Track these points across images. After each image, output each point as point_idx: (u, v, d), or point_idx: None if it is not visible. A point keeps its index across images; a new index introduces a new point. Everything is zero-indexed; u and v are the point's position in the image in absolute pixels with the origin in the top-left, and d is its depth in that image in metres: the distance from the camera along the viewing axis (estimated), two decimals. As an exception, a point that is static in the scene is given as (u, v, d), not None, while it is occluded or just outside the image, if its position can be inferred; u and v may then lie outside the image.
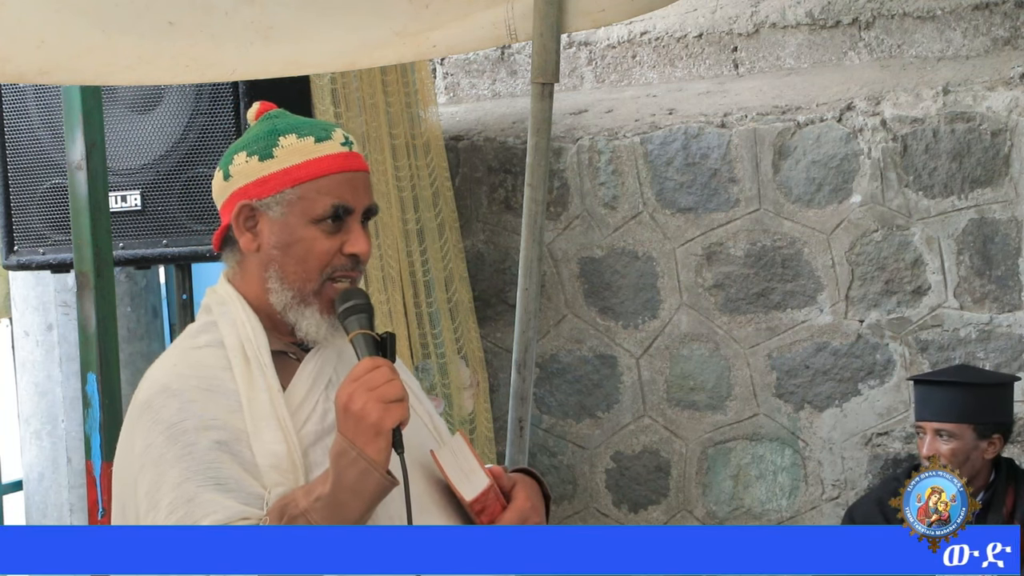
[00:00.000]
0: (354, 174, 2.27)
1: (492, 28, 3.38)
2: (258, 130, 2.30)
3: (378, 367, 2.11)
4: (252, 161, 2.26)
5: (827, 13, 5.02)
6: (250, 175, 2.26)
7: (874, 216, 4.62)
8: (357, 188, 2.27)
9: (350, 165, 2.27)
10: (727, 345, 4.84)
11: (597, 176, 4.96)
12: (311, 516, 2.07)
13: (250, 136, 2.30)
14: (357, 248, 2.25)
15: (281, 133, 2.27)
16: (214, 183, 2.33)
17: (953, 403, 3.94)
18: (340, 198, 2.24)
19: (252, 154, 2.27)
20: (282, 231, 2.24)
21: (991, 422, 3.97)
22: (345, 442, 2.07)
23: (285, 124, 2.29)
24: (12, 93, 4.02)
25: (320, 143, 2.26)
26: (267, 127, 2.29)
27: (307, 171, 2.24)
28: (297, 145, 2.25)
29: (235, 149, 2.30)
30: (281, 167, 2.25)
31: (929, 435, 3.95)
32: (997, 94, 4.48)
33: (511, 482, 2.29)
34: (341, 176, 2.25)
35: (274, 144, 2.26)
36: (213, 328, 2.27)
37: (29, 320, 4.71)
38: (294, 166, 2.24)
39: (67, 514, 4.67)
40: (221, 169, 2.31)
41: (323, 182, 2.24)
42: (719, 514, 4.88)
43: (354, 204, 2.26)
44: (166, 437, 2.15)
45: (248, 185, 2.26)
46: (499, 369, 5.10)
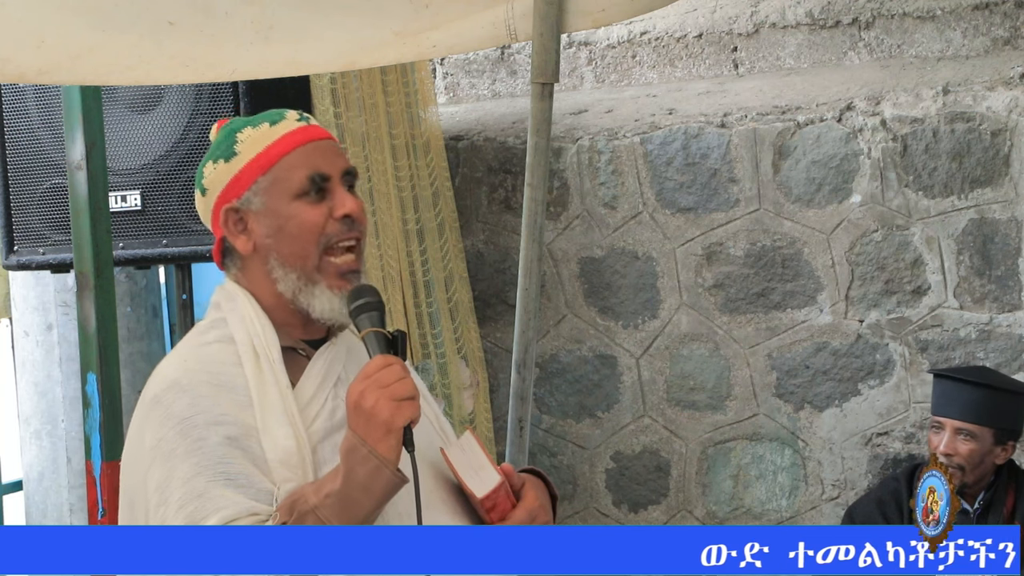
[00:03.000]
0: (319, 143, 2.29)
1: (492, 28, 3.38)
2: (217, 139, 2.34)
3: (390, 365, 2.11)
4: (219, 166, 2.29)
5: (827, 13, 5.02)
6: (222, 180, 2.28)
7: (874, 216, 4.62)
8: (327, 154, 2.28)
9: (311, 135, 2.29)
10: (727, 345, 4.84)
11: (597, 176, 4.96)
12: (321, 513, 2.08)
13: (212, 147, 2.33)
14: (346, 208, 2.25)
15: (236, 130, 2.30)
16: (196, 204, 2.35)
17: (980, 404, 3.93)
18: (314, 167, 2.25)
19: (217, 159, 2.30)
20: (269, 218, 2.25)
21: (1009, 429, 3.96)
22: (356, 439, 2.08)
23: (239, 123, 2.32)
24: (12, 93, 4.02)
25: (275, 125, 2.29)
26: (223, 132, 2.32)
27: (271, 154, 2.26)
28: (254, 135, 2.28)
29: (202, 164, 2.33)
30: (246, 161, 2.27)
31: (948, 432, 3.93)
32: (997, 94, 4.48)
33: (520, 481, 2.30)
34: (307, 147, 2.27)
35: (233, 142, 2.28)
36: (223, 324, 2.28)
37: (29, 320, 4.71)
38: (258, 155, 2.26)
39: (67, 514, 4.67)
40: (197, 187, 2.33)
41: (290, 158, 2.26)
42: (719, 514, 4.88)
43: (329, 170, 2.26)
44: (177, 432, 2.15)
45: (224, 190, 2.28)
46: (499, 369, 5.10)
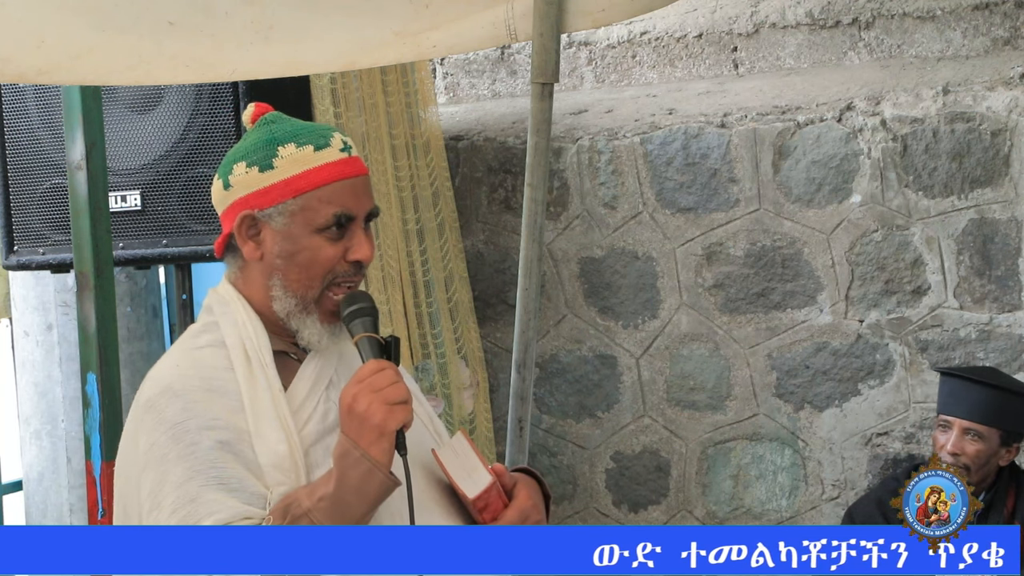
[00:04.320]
0: (355, 180, 2.28)
1: (492, 28, 3.38)
2: (256, 138, 2.29)
3: (383, 369, 2.12)
4: (252, 171, 2.26)
5: (827, 13, 5.02)
6: (251, 186, 2.26)
7: (874, 216, 4.61)
8: (358, 194, 2.27)
9: (350, 171, 2.27)
10: (727, 345, 4.84)
11: (597, 176, 4.96)
12: (314, 516, 2.09)
13: (248, 144, 2.29)
14: (360, 255, 2.26)
15: (280, 142, 2.26)
16: (213, 190, 2.33)
17: (989, 404, 3.92)
18: (342, 206, 2.24)
19: (252, 164, 2.27)
20: (285, 241, 2.25)
21: (1015, 431, 3.96)
22: (349, 443, 2.09)
23: (283, 132, 2.28)
24: (12, 93, 4.02)
25: (319, 151, 2.26)
26: (265, 135, 2.29)
27: (308, 181, 2.24)
28: (296, 155, 2.25)
29: (234, 158, 2.30)
30: (281, 178, 2.25)
31: (956, 431, 3.93)
32: (997, 94, 4.48)
33: (513, 481, 2.30)
34: (342, 183, 2.26)
35: (273, 154, 2.26)
36: (215, 328, 2.28)
37: (29, 320, 4.71)
38: (294, 176, 2.24)
39: (67, 514, 4.67)
40: (220, 178, 2.31)
41: (324, 191, 2.24)
42: (719, 514, 4.88)
43: (356, 211, 2.26)
44: (169, 437, 2.15)
45: (249, 196, 2.26)
46: (499, 369, 5.10)
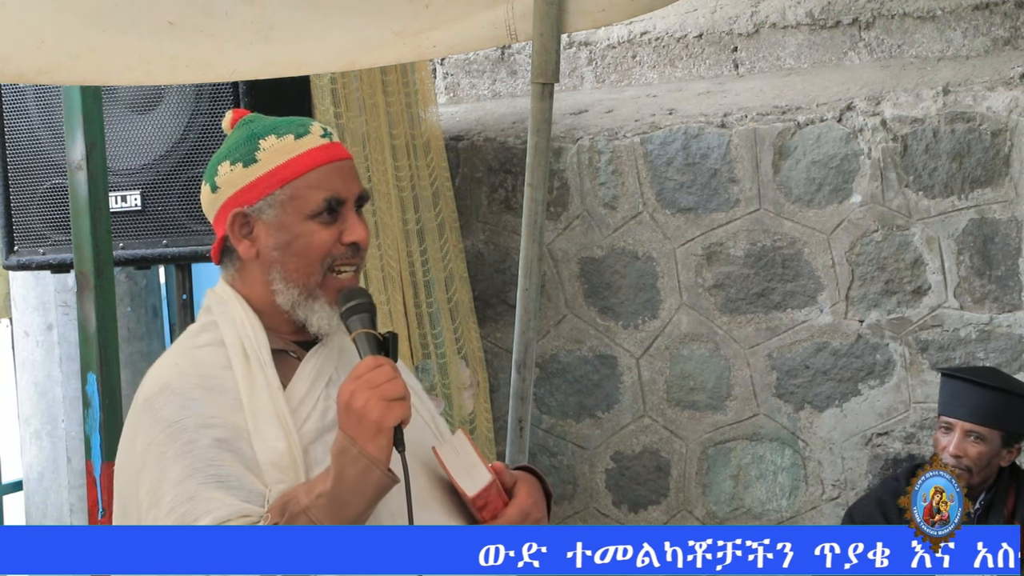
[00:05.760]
0: (339, 163, 2.29)
1: (492, 28, 3.38)
2: (236, 137, 2.31)
3: (380, 366, 2.12)
4: (237, 168, 2.27)
5: (827, 13, 5.02)
6: (237, 183, 2.27)
7: (874, 216, 4.62)
8: (345, 177, 2.28)
9: (334, 155, 2.29)
10: (727, 345, 4.84)
11: (597, 176, 4.96)
12: (312, 513, 2.08)
13: (230, 144, 2.31)
14: (355, 236, 2.26)
15: (260, 136, 2.28)
16: (202, 196, 2.34)
17: (991, 406, 3.91)
18: (331, 190, 2.25)
19: (235, 162, 2.28)
20: (279, 231, 2.25)
21: (1017, 432, 3.95)
22: (346, 440, 2.08)
23: (262, 126, 2.30)
24: (12, 93, 4.02)
25: (300, 139, 2.27)
26: (245, 133, 2.30)
27: (293, 169, 2.25)
28: (278, 145, 2.26)
29: (217, 160, 2.31)
30: (266, 169, 2.26)
31: (958, 433, 3.92)
32: (997, 94, 4.48)
33: (513, 479, 2.30)
34: (327, 168, 2.27)
35: (255, 148, 2.27)
36: (213, 327, 2.29)
37: (29, 320, 4.71)
38: (279, 166, 2.26)
39: (67, 514, 4.67)
40: (207, 182, 2.32)
41: (311, 177, 2.25)
42: (719, 514, 4.88)
43: (345, 194, 2.27)
44: (167, 435, 2.16)
45: (237, 193, 2.27)
46: (499, 369, 5.10)
